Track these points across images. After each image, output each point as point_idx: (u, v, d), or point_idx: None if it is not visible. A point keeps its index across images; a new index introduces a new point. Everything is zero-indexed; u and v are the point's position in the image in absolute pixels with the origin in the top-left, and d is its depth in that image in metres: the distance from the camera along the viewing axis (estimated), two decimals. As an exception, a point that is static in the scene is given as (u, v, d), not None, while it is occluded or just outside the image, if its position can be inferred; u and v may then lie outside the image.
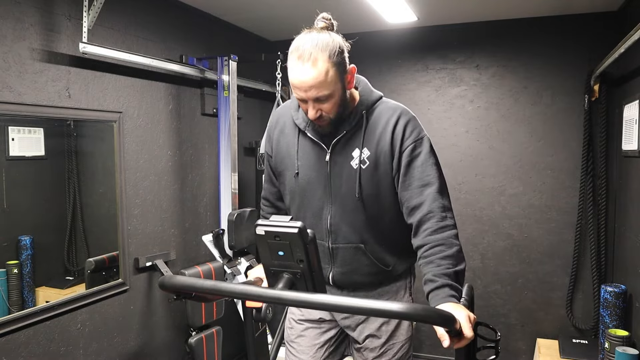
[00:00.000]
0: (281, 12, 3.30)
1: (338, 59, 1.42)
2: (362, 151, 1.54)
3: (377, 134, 1.54)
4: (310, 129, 1.59)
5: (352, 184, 1.55)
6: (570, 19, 3.36)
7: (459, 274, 1.36)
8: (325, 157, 1.57)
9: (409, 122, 1.53)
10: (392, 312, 1.07)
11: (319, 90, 1.41)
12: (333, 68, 1.41)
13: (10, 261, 2.27)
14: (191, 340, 2.92)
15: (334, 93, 1.44)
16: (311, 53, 1.40)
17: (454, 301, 1.28)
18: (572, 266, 3.40)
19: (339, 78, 1.44)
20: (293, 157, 1.62)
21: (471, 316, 1.21)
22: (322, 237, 1.62)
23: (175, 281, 1.23)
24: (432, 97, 3.75)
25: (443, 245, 1.39)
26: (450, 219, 1.45)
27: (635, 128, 2.67)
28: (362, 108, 1.56)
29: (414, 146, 1.50)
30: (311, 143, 1.60)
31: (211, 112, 3.31)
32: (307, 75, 1.40)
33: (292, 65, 1.44)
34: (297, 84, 1.43)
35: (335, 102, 1.47)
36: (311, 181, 1.60)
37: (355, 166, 1.54)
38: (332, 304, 1.09)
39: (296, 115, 1.63)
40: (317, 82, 1.40)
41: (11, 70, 2.08)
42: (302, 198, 1.63)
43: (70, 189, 2.55)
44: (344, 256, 1.62)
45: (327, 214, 1.60)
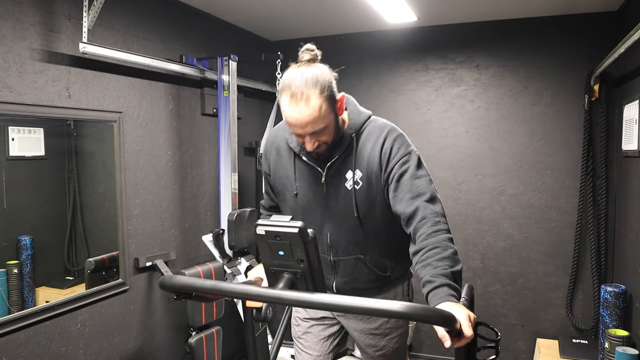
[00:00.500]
0: (281, 12, 3.30)
1: (328, 92, 1.48)
2: (355, 173, 1.61)
3: (366, 155, 1.60)
4: (304, 153, 1.65)
5: (348, 204, 1.63)
6: (570, 19, 3.36)
7: (456, 274, 1.38)
8: (321, 179, 1.64)
9: (395, 140, 1.59)
10: (393, 311, 1.08)
11: (315, 125, 1.48)
12: (325, 102, 1.47)
13: (10, 261, 2.27)
14: (191, 340, 2.92)
15: (329, 124, 1.51)
16: (303, 92, 1.44)
17: (453, 300, 1.28)
18: (572, 266, 3.41)
19: (331, 109, 1.51)
20: (291, 178, 1.69)
21: (471, 315, 1.21)
22: (323, 251, 1.71)
23: (175, 281, 1.23)
24: (432, 97, 3.75)
25: (438, 248, 1.42)
26: (444, 224, 1.49)
27: (635, 128, 2.67)
28: (351, 132, 1.62)
29: (402, 162, 1.56)
30: (307, 166, 1.67)
31: (211, 112, 3.31)
32: (302, 114, 1.46)
33: (285, 104, 1.48)
34: (293, 123, 1.49)
35: (331, 131, 1.54)
36: (310, 201, 1.68)
37: (349, 187, 1.62)
38: (332, 304, 1.09)
39: (290, 139, 1.68)
40: (312, 119, 1.46)
41: (11, 70, 2.08)
42: (303, 216, 1.70)
43: (70, 189, 2.55)
44: (345, 267, 1.72)
45: (327, 231, 1.69)
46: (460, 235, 3.64)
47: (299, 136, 1.54)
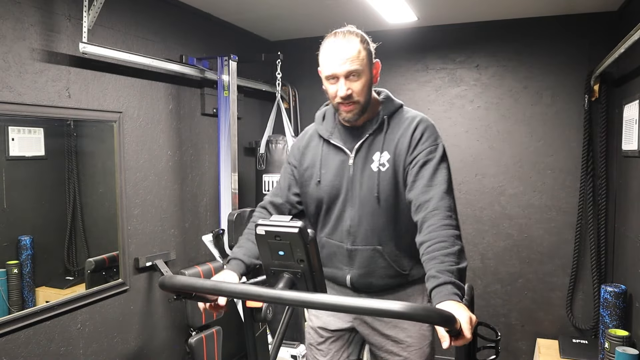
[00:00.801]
0: (281, 12, 3.30)
1: (368, 47, 1.58)
2: (382, 154, 1.62)
3: (396, 138, 1.62)
4: (335, 135, 1.69)
5: (372, 186, 1.62)
6: (570, 19, 3.36)
7: (461, 271, 1.37)
8: (349, 161, 1.65)
9: (427, 129, 1.62)
10: (393, 311, 1.07)
11: (352, 64, 1.52)
12: (364, 51, 1.55)
13: (10, 261, 2.27)
14: (191, 340, 2.91)
15: (364, 73, 1.56)
16: (345, 33, 1.55)
17: (456, 299, 1.28)
18: (572, 266, 3.40)
19: (368, 62, 1.57)
20: (317, 166, 1.70)
21: (473, 318, 1.21)
22: (341, 239, 1.69)
23: (175, 281, 1.23)
24: (432, 97, 3.75)
25: (445, 242, 1.41)
26: (454, 220, 1.48)
27: (635, 128, 2.67)
28: (384, 113, 1.66)
29: (428, 151, 1.58)
30: (334, 150, 1.68)
31: (211, 112, 3.31)
32: (342, 48, 1.53)
33: (326, 44, 1.56)
34: (332, 57, 1.54)
35: (364, 85, 1.57)
36: (334, 186, 1.67)
37: (375, 169, 1.62)
38: (332, 304, 1.09)
39: (321, 128, 1.73)
40: (351, 56, 1.52)
41: (11, 70, 2.08)
42: (328, 204, 1.69)
43: (70, 189, 2.55)
44: (362, 258, 1.68)
45: (347, 216, 1.67)
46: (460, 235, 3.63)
47: (332, 79, 1.56)
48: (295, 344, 3.29)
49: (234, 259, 1.61)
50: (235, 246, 1.66)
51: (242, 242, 1.66)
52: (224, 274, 1.55)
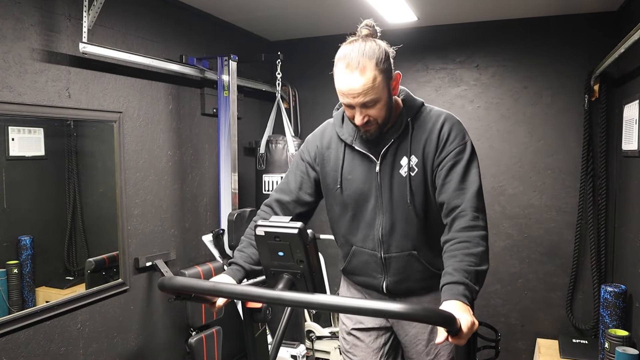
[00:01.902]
0: (281, 12, 3.30)
1: (385, 66, 1.46)
2: (410, 159, 1.57)
3: (423, 140, 1.57)
4: (358, 141, 1.62)
5: (402, 192, 1.58)
6: (570, 19, 3.36)
7: (479, 274, 1.33)
8: (375, 168, 1.60)
9: (453, 126, 1.58)
10: (392, 312, 1.07)
11: (366, 96, 1.44)
12: (380, 75, 1.45)
13: (10, 261, 2.27)
14: (191, 340, 2.92)
15: (381, 98, 1.47)
16: (359, 61, 1.42)
17: (464, 301, 1.25)
18: (572, 266, 3.40)
19: (386, 84, 1.48)
20: (338, 172, 1.65)
21: (475, 323, 1.19)
22: (374, 248, 1.65)
23: (174, 282, 1.23)
24: (432, 97, 3.74)
25: (469, 243, 1.38)
26: (482, 221, 1.45)
27: (635, 128, 2.67)
28: (407, 115, 1.59)
29: (457, 150, 1.54)
30: (359, 156, 1.62)
31: (211, 112, 3.31)
32: (356, 83, 1.43)
33: (340, 73, 1.46)
34: (346, 92, 1.46)
35: (382, 107, 1.49)
36: (363, 193, 1.62)
37: (404, 174, 1.57)
38: (332, 305, 1.09)
39: (341, 131, 1.66)
40: (365, 89, 1.43)
41: (11, 70, 2.08)
42: (355, 211, 1.65)
43: (70, 189, 2.55)
44: (397, 265, 1.65)
45: (378, 224, 1.62)
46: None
47: (349, 107, 1.51)
48: (295, 344, 3.29)
49: (234, 264, 1.56)
50: (237, 249, 1.61)
51: (244, 245, 1.61)
52: (221, 277, 1.50)
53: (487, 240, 1.42)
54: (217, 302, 1.38)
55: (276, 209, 1.70)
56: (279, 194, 1.72)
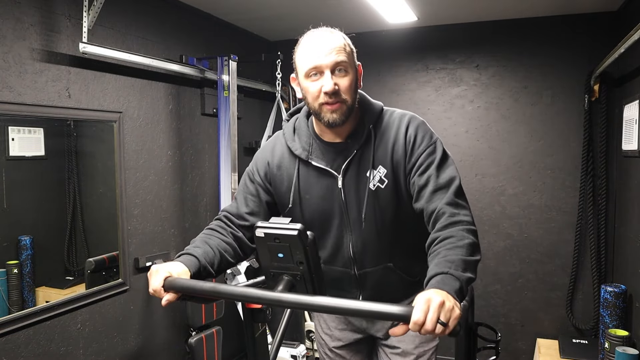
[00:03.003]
0: (281, 12, 3.30)
1: (352, 46, 1.42)
2: (378, 170, 1.45)
3: (389, 148, 1.45)
4: (315, 155, 1.48)
5: (373, 207, 1.46)
6: (570, 19, 3.36)
7: (467, 262, 1.18)
8: (337, 183, 1.47)
9: (419, 127, 1.45)
10: (392, 314, 1.06)
11: (338, 55, 1.36)
12: (349, 47, 1.41)
13: (10, 261, 2.27)
14: (191, 340, 2.92)
15: (350, 69, 1.39)
16: (326, 29, 1.41)
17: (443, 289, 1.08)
18: (572, 266, 3.41)
19: (353, 60, 1.42)
20: (295, 191, 1.50)
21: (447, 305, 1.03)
22: (345, 265, 1.55)
23: (174, 283, 1.23)
24: (432, 97, 3.74)
25: (453, 237, 1.25)
26: (464, 216, 1.32)
27: (635, 128, 2.67)
28: (369, 122, 1.47)
29: (428, 152, 1.42)
30: (316, 172, 1.48)
31: (211, 112, 3.31)
32: (327, 39, 1.38)
33: (307, 40, 1.41)
34: (315, 48, 1.37)
35: (351, 82, 1.39)
36: (325, 212, 1.50)
37: (373, 187, 1.45)
38: (331, 306, 1.09)
39: (294, 145, 1.51)
40: (337, 46, 1.37)
41: (11, 70, 2.08)
42: (318, 231, 1.51)
43: (70, 189, 2.55)
44: (372, 279, 1.57)
45: (347, 242, 1.52)
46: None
47: (316, 75, 1.38)
48: (295, 344, 3.29)
49: (189, 255, 1.35)
50: (190, 246, 1.42)
51: (197, 243, 1.43)
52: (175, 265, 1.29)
53: (474, 233, 1.28)
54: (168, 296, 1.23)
55: (228, 223, 1.52)
56: (230, 215, 1.54)
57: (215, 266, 1.39)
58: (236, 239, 1.49)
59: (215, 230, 1.49)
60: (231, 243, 1.47)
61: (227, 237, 1.47)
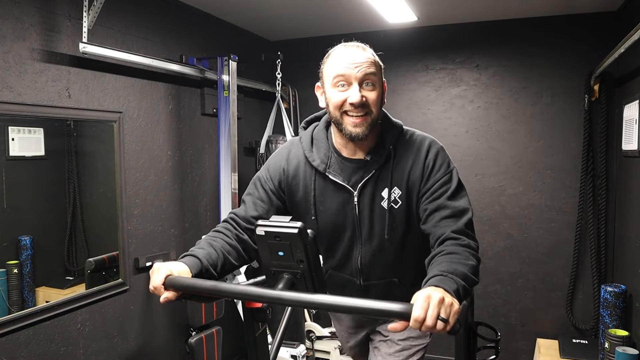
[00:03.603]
0: (281, 12, 3.30)
1: (380, 64, 1.47)
2: (393, 191, 1.47)
3: (407, 169, 1.47)
4: (333, 169, 1.49)
5: (383, 226, 1.49)
6: (570, 19, 3.36)
7: (466, 277, 1.19)
8: (353, 199, 1.49)
9: (439, 154, 1.48)
10: (394, 312, 1.06)
11: (368, 68, 1.40)
12: (378, 64, 1.45)
13: (10, 261, 2.26)
14: (191, 340, 2.92)
15: (378, 85, 1.43)
16: (359, 45, 1.45)
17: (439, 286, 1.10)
18: (572, 266, 3.40)
19: (381, 76, 1.46)
20: (311, 202, 1.52)
21: (446, 300, 1.04)
22: (352, 274, 1.60)
23: (175, 281, 1.23)
24: (432, 97, 3.75)
25: (458, 255, 1.26)
26: (472, 244, 1.33)
27: (635, 128, 2.67)
28: (389, 142, 1.49)
29: (443, 181, 1.44)
30: (333, 186, 1.50)
31: (211, 112, 3.31)
32: (359, 53, 1.41)
33: (338, 51, 1.44)
34: (346, 63, 1.40)
35: (378, 97, 1.42)
36: (338, 225, 1.53)
37: (386, 207, 1.48)
38: (331, 304, 1.09)
39: (312, 156, 1.52)
40: (367, 61, 1.41)
41: (11, 70, 2.08)
42: (329, 241, 1.57)
43: (70, 189, 2.55)
44: (376, 291, 1.61)
45: (357, 255, 1.56)
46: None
47: (345, 86, 1.39)
48: (295, 344, 3.29)
49: (192, 256, 1.36)
50: (197, 246, 1.43)
51: (202, 244, 1.43)
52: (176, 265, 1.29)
53: (479, 261, 1.30)
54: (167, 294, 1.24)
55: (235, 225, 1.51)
56: (237, 218, 1.53)
57: (218, 268, 1.39)
58: (241, 242, 1.49)
59: (220, 233, 1.49)
60: (235, 246, 1.47)
61: (231, 239, 1.47)
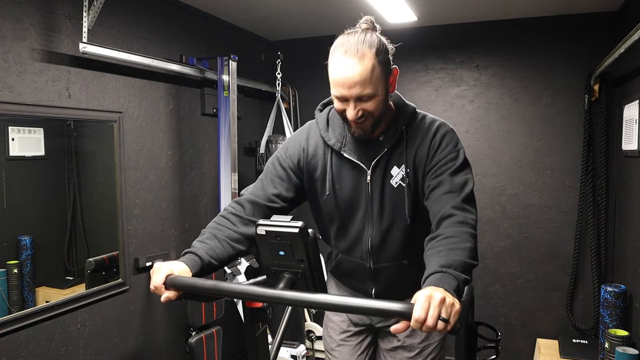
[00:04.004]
0: (281, 12, 3.30)
1: (384, 58, 1.40)
2: (402, 169, 1.50)
3: (414, 149, 1.50)
4: (348, 148, 1.54)
5: (394, 204, 1.52)
6: (570, 19, 3.36)
7: (466, 265, 1.20)
8: (366, 178, 1.53)
9: (446, 134, 1.50)
10: (395, 311, 1.06)
11: (363, 88, 1.36)
12: (380, 66, 1.38)
13: (10, 261, 2.26)
14: (191, 340, 2.92)
15: (378, 93, 1.39)
16: (358, 49, 1.36)
17: (441, 287, 1.10)
18: (572, 266, 3.40)
19: (384, 78, 1.41)
20: (328, 180, 1.55)
21: (447, 300, 1.04)
22: (362, 258, 1.61)
23: (176, 280, 1.23)
24: (432, 97, 3.75)
25: (456, 238, 1.27)
26: (472, 220, 1.35)
27: (635, 128, 2.67)
28: (402, 123, 1.52)
29: (449, 158, 1.46)
30: (348, 164, 1.54)
31: (211, 112, 3.31)
32: (353, 70, 1.35)
33: (336, 60, 1.38)
34: (341, 80, 1.37)
35: (378, 102, 1.41)
36: (352, 203, 1.56)
37: (395, 185, 1.51)
38: (332, 304, 1.09)
39: (327, 136, 1.56)
40: (362, 79, 1.35)
41: (11, 70, 2.08)
42: (342, 220, 1.59)
43: (70, 189, 2.55)
44: (386, 274, 1.62)
45: (367, 236, 1.58)
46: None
47: (341, 101, 1.41)
48: (295, 344, 3.29)
49: (192, 254, 1.38)
50: (198, 240, 1.46)
51: (206, 237, 1.46)
52: (176, 265, 1.31)
53: (475, 238, 1.31)
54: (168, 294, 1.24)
55: (247, 207, 1.53)
56: (251, 195, 1.56)
57: (223, 259, 1.42)
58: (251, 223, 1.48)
59: (226, 220, 1.51)
60: (243, 232, 1.48)
61: (238, 226, 1.48)
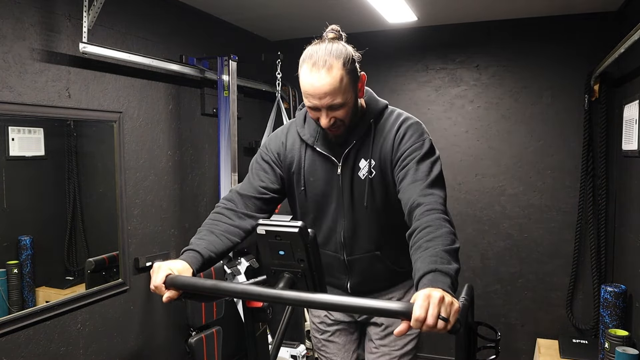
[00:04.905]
0: (281, 12, 3.30)
1: (351, 67, 1.45)
2: (368, 162, 1.56)
3: (380, 142, 1.56)
4: (320, 142, 1.60)
5: (361, 195, 1.57)
6: (570, 19, 3.37)
7: (450, 252, 1.21)
8: (337, 170, 1.59)
9: (410, 127, 1.55)
10: (394, 311, 1.06)
11: (333, 98, 1.43)
12: (347, 76, 1.43)
13: (10, 261, 2.26)
14: (191, 340, 2.91)
15: (347, 100, 1.46)
16: (326, 60, 1.41)
17: (437, 286, 1.10)
18: (572, 266, 3.41)
19: (352, 86, 1.46)
20: (302, 174, 1.62)
21: (446, 299, 1.05)
22: (336, 250, 1.65)
23: (176, 280, 1.23)
24: (432, 97, 3.75)
25: (430, 227, 1.28)
26: (442, 205, 1.37)
27: (635, 128, 2.67)
28: (370, 117, 1.58)
29: (413, 148, 1.50)
30: (321, 157, 1.60)
31: (211, 112, 3.31)
32: (322, 81, 1.41)
33: (305, 72, 1.44)
34: (311, 92, 1.43)
35: (349, 109, 1.48)
36: (325, 195, 1.61)
37: (363, 177, 1.57)
38: (332, 303, 1.09)
39: (302, 131, 1.63)
40: (332, 89, 1.42)
41: (11, 70, 2.08)
42: (316, 213, 1.64)
43: (70, 189, 2.55)
44: (360, 266, 1.66)
45: (340, 228, 1.62)
46: (460, 236, 3.59)
47: (314, 110, 1.48)
48: (295, 344, 3.29)
49: (192, 251, 1.43)
50: (196, 237, 1.52)
51: (203, 233, 1.53)
52: (176, 263, 1.34)
53: (449, 222, 1.32)
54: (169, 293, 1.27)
55: (239, 202, 1.61)
56: (241, 190, 1.63)
57: (222, 252, 1.48)
58: (245, 218, 1.58)
59: (221, 215, 1.59)
60: (239, 224, 1.55)
61: (233, 219, 1.56)
